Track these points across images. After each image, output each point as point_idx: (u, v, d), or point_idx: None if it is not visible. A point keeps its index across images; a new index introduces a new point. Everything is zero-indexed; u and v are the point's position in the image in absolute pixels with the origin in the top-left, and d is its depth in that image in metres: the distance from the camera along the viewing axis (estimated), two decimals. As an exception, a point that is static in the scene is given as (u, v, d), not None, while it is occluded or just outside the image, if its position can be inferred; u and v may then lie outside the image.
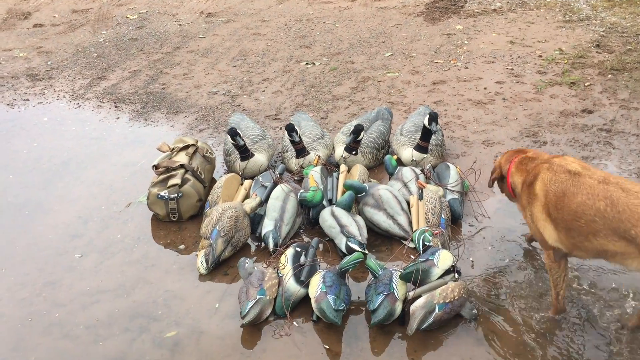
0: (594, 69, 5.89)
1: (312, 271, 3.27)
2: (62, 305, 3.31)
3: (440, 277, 3.13)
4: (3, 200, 4.33)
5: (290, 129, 4.22)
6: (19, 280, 3.51)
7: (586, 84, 5.59)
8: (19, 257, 3.72)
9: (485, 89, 5.66)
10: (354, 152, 4.34)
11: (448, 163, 4.17)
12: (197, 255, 3.59)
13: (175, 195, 3.90)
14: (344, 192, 3.86)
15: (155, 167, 4.11)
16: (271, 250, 3.55)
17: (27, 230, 3.98)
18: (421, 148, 4.31)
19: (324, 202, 3.86)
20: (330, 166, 4.39)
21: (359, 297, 3.27)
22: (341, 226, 3.57)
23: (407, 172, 4.07)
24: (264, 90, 5.94)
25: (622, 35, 6.72)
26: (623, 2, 7.69)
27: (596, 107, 5.19)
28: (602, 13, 7.43)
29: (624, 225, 2.58)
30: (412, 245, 3.56)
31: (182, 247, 3.76)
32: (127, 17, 8.43)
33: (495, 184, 3.40)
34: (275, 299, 3.17)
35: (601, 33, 6.80)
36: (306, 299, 3.18)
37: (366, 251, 3.47)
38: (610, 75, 5.72)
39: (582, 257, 2.91)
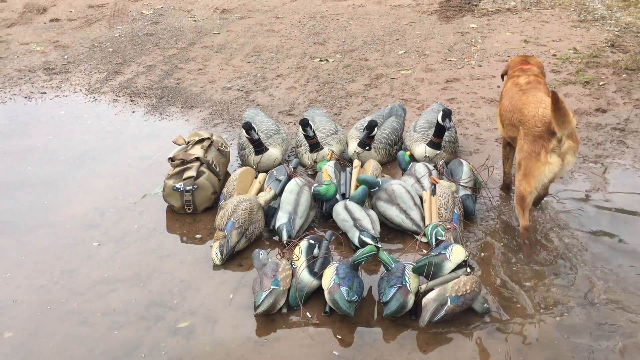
0: (609, 68, 5.89)
1: (325, 263, 3.30)
2: (80, 293, 3.37)
3: (453, 271, 3.15)
4: (21, 191, 4.40)
5: (305, 123, 4.26)
6: (38, 268, 3.58)
7: (600, 84, 5.59)
8: (37, 246, 3.79)
9: (498, 87, 5.67)
10: (367, 148, 4.37)
11: (461, 159, 4.19)
12: (211, 246, 3.64)
13: (191, 187, 3.95)
14: (357, 187, 3.89)
15: (171, 159, 4.16)
16: (284, 242, 3.59)
17: (45, 220, 4.05)
18: (434, 144, 4.34)
19: (337, 197, 3.90)
20: (343, 161, 4.43)
21: (371, 289, 3.31)
22: (354, 220, 3.61)
23: (420, 168, 4.09)
24: (277, 86, 5.98)
25: (637, 35, 6.70)
26: (638, 2, 7.66)
27: (610, 106, 5.19)
28: (617, 13, 7.41)
29: (514, 115, 3.52)
30: (424, 239, 3.59)
31: (197, 237, 3.82)
32: (142, 13, 8.50)
33: None
34: (288, 290, 3.21)
35: (616, 33, 6.79)
36: (319, 290, 3.22)
37: (379, 245, 3.50)
38: (624, 75, 5.71)
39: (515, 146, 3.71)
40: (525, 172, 3.35)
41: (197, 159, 4.13)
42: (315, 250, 3.37)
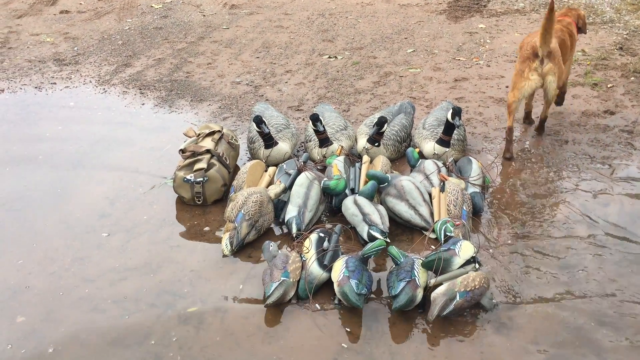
0: (617, 71, 5.90)
1: (335, 256, 3.33)
2: (91, 281, 3.40)
3: (461, 266, 3.18)
4: (32, 179, 4.43)
5: (315, 118, 4.28)
6: (49, 255, 3.61)
7: (608, 86, 5.61)
8: (49, 234, 3.82)
9: (507, 87, 5.69)
10: (376, 144, 4.40)
11: (470, 157, 4.22)
12: (221, 237, 3.67)
13: (201, 179, 3.98)
14: (366, 182, 3.92)
15: (182, 151, 4.19)
16: (294, 235, 3.62)
17: (56, 209, 4.08)
18: (443, 142, 4.36)
19: (347, 191, 3.92)
20: (353, 157, 4.45)
21: (380, 282, 3.33)
22: (364, 214, 3.63)
23: (429, 165, 4.12)
24: (286, 82, 6.01)
25: (645, 38, 6.71)
26: (647, 6, 7.68)
27: (618, 108, 5.21)
28: (625, 16, 7.42)
29: (523, 45, 4.44)
30: (433, 235, 3.62)
31: (206, 229, 3.85)
32: (151, 6, 8.53)
33: None
34: (298, 281, 3.24)
35: (624, 36, 6.80)
36: (328, 282, 3.25)
37: (388, 239, 3.52)
38: (632, 78, 5.73)
39: None
40: (513, 85, 4.33)
41: (208, 151, 4.16)
42: (325, 244, 3.40)
